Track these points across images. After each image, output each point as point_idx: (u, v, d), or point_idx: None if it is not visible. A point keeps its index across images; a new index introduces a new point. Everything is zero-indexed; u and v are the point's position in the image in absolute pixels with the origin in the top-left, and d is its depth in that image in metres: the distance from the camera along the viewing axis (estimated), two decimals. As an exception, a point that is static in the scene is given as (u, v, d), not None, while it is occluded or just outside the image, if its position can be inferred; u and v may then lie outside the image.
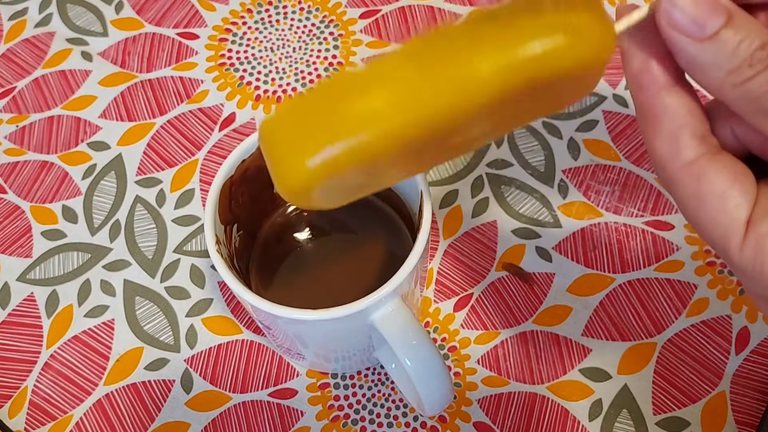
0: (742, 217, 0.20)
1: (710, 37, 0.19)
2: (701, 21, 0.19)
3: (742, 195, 0.20)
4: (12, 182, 0.45)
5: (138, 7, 0.51)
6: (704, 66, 0.20)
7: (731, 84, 0.20)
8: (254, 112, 0.47)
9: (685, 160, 0.21)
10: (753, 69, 0.19)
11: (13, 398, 0.39)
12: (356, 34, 0.50)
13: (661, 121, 0.21)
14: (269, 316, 0.32)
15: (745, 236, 0.20)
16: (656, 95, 0.21)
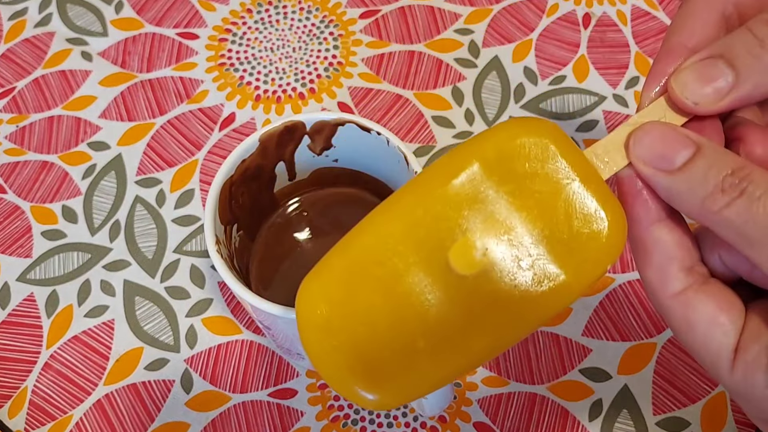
0: (730, 344, 0.21)
1: (680, 168, 0.21)
2: (669, 155, 0.21)
3: (729, 323, 0.21)
4: (12, 182, 0.45)
5: (138, 7, 0.51)
6: (681, 196, 0.21)
7: (709, 212, 0.20)
8: (254, 112, 0.47)
9: (673, 291, 0.22)
10: (727, 196, 0.20)
11: (13, 398, 0.39)
12: (356, 34, 0.50)
13: (651, 254, 0.22)
14: (269, 317, 0.32)
15: (734, 362, 0.20)
16: (647, 229, 0.22)
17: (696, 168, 0.20)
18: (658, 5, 0.52)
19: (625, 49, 0.50)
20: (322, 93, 0.48)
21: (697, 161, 0.21)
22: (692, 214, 0.21)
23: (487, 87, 0.48)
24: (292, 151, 0.37)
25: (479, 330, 0.21)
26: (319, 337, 0.21)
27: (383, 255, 0.21)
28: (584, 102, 0.48)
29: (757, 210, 0.19)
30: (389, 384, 0.21)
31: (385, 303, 0.21)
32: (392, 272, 0.20)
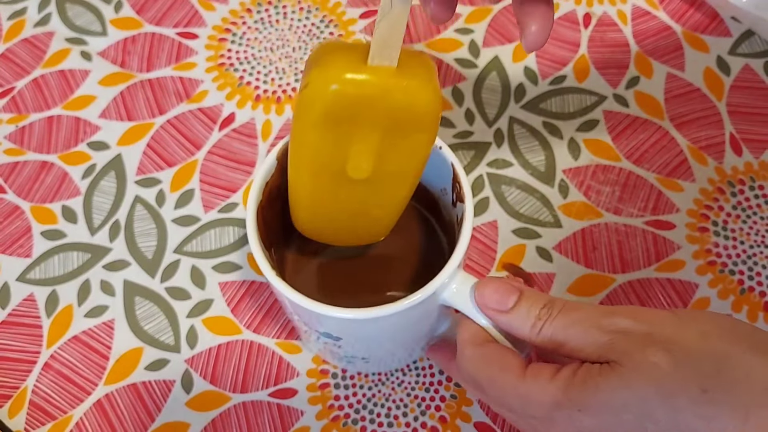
0: (521, 361, 0.30)
1: (511, 309, 0.30)
2: (503, 301, 0.30)
3: (515, 354, 0.31)
4: (12, 182, 0.45)
5: (138, 7, 0.51)
6: (515, 327, 0.30)
7: (534, 335, 0.30)
8: (254, 112, 0.47)
9: (477, 341, 0.31)
10: (542, 320, 0.29)
11: (13, 398, 0.39)
12: (356, 35, 0.50)
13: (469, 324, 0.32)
14: (342, 323, 0.31)
15: (525, 370, 0.29)
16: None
17: (521, 308, 0.30)
18: (658, 5, 0.52)
19: (625, 48, 0.50)
20: (322, 93, 0.48)
21: (522, 303, 0.30)
22: (524, 336, 0.30)
23: (487, 87, 0.48)
24: None
25: (378, 199, 0.32)
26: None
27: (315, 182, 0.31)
28: (584, 102, 0.48)
29: (556, 322, 0.29)
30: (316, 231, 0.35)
31: (324, 198, 0.32)
32: (324, 186, 0.31)
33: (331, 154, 0.30)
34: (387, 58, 0.27)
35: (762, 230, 0.44)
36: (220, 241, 0.43)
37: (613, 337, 0.28)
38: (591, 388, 0.27)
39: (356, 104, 0.28)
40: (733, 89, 0.48)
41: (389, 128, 0.29)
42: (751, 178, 0.45)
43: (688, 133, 0.47)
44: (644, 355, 0.27)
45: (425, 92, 0.28)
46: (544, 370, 0.29)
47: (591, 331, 0.28)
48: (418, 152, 0.30)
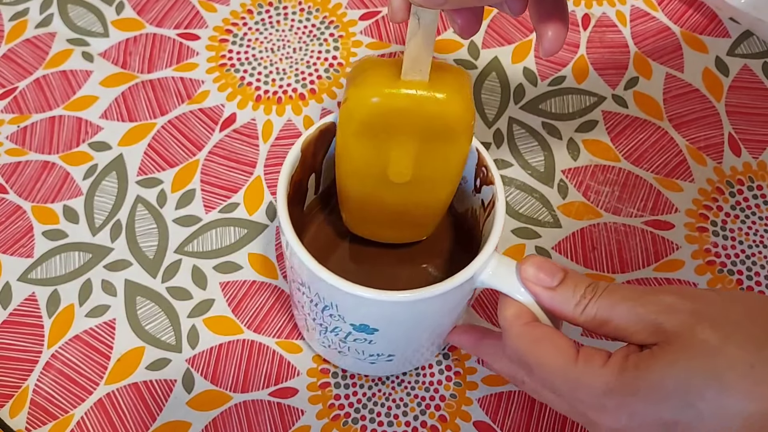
0: (571, 344, 0.30)
1: (556, 286, 0.30)
2: (550, 276, 0.30)
3: (565, 337, 0.30)
4: (13, 182, 0.45)
5: (139, 8, 0.51)
6: (559, 304, 0.30)
7: (578, 313, 0.30)
8: (255, 113, 0.48)
9: (524, 321, 0.31)
10: (586, 299, 0.30)
11: (15, 398, 0.39)
12: (356, 36, 0.50)
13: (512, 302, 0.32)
14: (388, 308, 0.31)
15: (577, 355, 0.29)
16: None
17: (567, 286, 0.30)
18: (657, 6, 0.52)
19: (624, 49, 0.50)
20: (323, 93, 0.48)
21: (567, 282, 0.30)
22: (566, 318, 0.30)
23: (486, 88, 0.48)
24: (321, 160, 0.37)
25: (419, 201, 0.34)
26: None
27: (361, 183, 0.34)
28: (584, 102, 0.48)
29: (602, 300, 0.29)
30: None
31: (369, 200, 0.35)
32: (368, 189, 0.34)
33: (372, 161, 0.32)
34: (419, 73, 0.30)
35: (761, 230, 0.44)
36: (221, 241, 0.43)
37: (659, 316, 0.28)
38: (643, 371, 0.27)
39: (391, 116, 0.30)
40: (732, 90, 0.48)
41: (425, 137, 0.31)
42: (750, 178, 0.45)
43: (687, 133, 0.47)
44: (693, 332, 0.27)
45: (455, 104, 0.30)
46: (597, 356, 0.29)
47: (637, 309, 0.29)
48: (453, 159, 0.32)
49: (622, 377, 0.28)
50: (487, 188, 0.34)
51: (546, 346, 0.30)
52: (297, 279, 0.33)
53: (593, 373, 0.28)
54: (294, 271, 0.33)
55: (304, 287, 0.33)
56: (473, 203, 0.37)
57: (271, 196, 0.45)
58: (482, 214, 0.35)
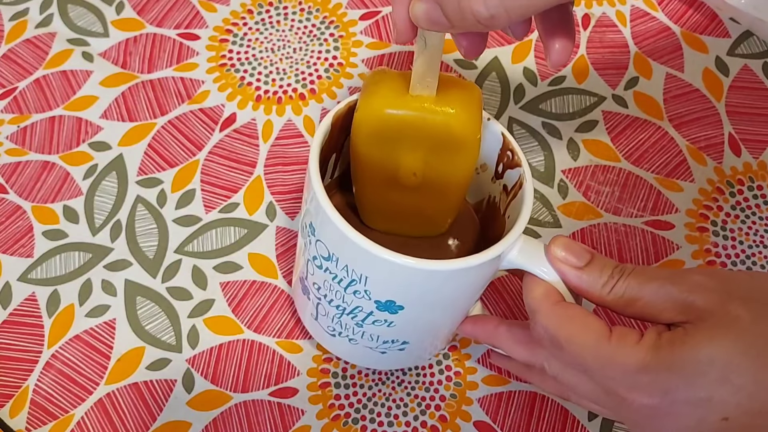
0: (603, 324, 0.30)
1: (585, 265, 0.31)
2: (576, 258, 0.31)
3: (595, 316, 0.31)
4: (13, 182, 0.45)
5: (139, 8, 0.51)
6: (586, 283, 0.31)
7: (606, 292, 0.30)
8: (255, 113, 0.48)
9: (554, 300, 0.31)
10: (614, 278, 0.30)
11: (15, 397, 0.39)
12: (357, 36, 0.50)
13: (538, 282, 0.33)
14: (421, 278, 0.31)
15: (611, 333, 0.29)
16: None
17: (595, 266, 0.31)
18: (657, 6, 0.52)
19: (624, 49, 0.50)
20: (323, 93, 0.48)
21: (595, 263, 0.31)
22: (593, 298, 0.31)
23: (486, 88, 0.48)
24: (343, 141, 0.37)
25: (430, 203, 0.35)
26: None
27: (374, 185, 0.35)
28: (584, 102, 0.48)
29: (630, 280, 0.30)
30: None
31: (382, 200, 0.36)
32: (380, 190, 0.35)
33: (383, 165, 0.34)
34: (426, 88, 0.31)
35: (761, 230, 0.44)
36: (221, 241, 0.43)
37: (690, 295, 0.28)
38: (678, 347, 0.27)
39: (398, 127, 0.32)
40: (732, 90, 0.49)
41: (432, 147, 0.33)
42: (750, 179, 0.45)
43: (687, 133, 0.47)
44: (725, 309, 0.27)
45: (459, 119, 0.32)
46: (630, 334, 0.29)
47: (667, 287, 0.29)
48: (460, 169, 0.34)
49: (658, 354, 0.28)
50: (511, 172, 0.35)
51: (578, 323, 0.30)
52: (321, 254, 0.33)
53: (627, 350, 0.28)
54: (319, 246, 0.33)
55: (330, 261, 0.32)
56: (491, 191, 0.37)
57: (271, 196, 0.45)
58: (504, 200, 0.36)
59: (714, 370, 0.27)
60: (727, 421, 0.27)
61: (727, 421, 0.27)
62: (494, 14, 0.26)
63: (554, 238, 0.32)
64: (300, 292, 0.38)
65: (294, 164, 0.46)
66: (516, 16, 0.26)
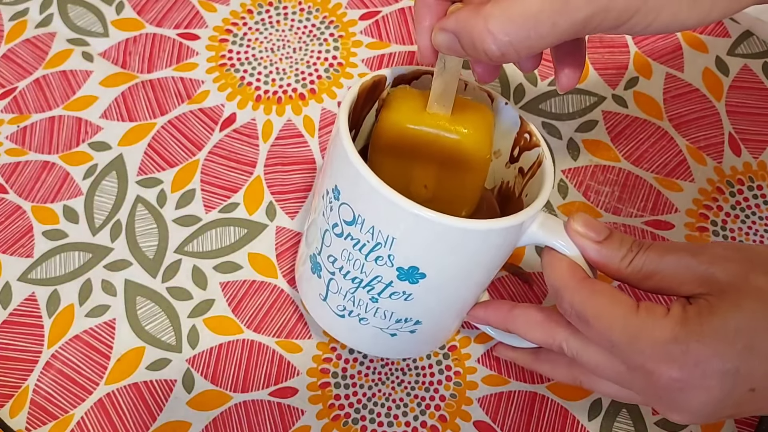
0: (630, 299, 0.30)
1: (605, 239, 0.31)
2: (595, 232, 0.31)
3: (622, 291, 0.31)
4: (13, 182, 0.45)
5: (139, 8, 0.51)
6: (605, 257, 0.31)
7: (625, 265, 0.31)
8: (255, 113, 0.48)
9: (580, 277, 0.32)
10: (633, 252, 0.31)
11: (15, 397, 0.39)
12: (356, 35, 0.50)
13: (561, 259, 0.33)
14: (450, 235, 0.31)
15: (637, 307, 0.30)
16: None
17: (614, 240, 0.31)
18: (657, 6, 0.52)
19: (624, 49, 0.50)
20: (323, 93, 0.48)
21: (614, 237, 0.32)
22: (611, 271, 0.31)
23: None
24: (364, 117, 0.37)
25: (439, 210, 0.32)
26: None
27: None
28: (584, 102, 0.48)
29: (650, 253, 0.31)
30: None
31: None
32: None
33: (396, 177, 0.34)
34: (442, 108, 0.33)
35: (761, 230, 0.44)
36: (221, 241, 0.43)
37: (711, 267, 0.29)
38: (706, 317, 0.28)
39: (413, 142, 0.34)
40: (732, 89, 0.49)
41: (443, 164, 0.34)
42: (750, 178, 0.45)
43: (687, 133, 0.47)
44: (747, 280, 0.28)
45: (471, 139, 0.34)
46: (657, 308, 0.29)
47: (687, 259, 0.29)
48: (469, 186, 0.35)
49: (686, 326, 0.28)
50: (529, 153, 0.36)
51: (606, 297, 0.30)
52: (345, 218, 0.32)
53: (656, 323, 0.28)
54: (343, 210, 0.32)
55: (354, 225, 0.32)
56: (504, 176, 0.38)
57: (271, 196, 0.45)
58: (519, 183, 0.36)
59: (740, 340, 0.27)
60: (754, 392, 0.28)
61: (753, 392, 0.28)
62: (504, 52, 0.28)
63: (573, 214, 0.32)
64: (309, 271, 0.37)
65: (294, 164, 0.46)
66: (524, 53, 0.28)
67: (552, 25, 0.27)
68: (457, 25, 0.28)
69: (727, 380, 0.28)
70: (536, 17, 0.26)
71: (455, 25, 0.29)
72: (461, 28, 0.28)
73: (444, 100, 0.33)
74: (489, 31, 0.27)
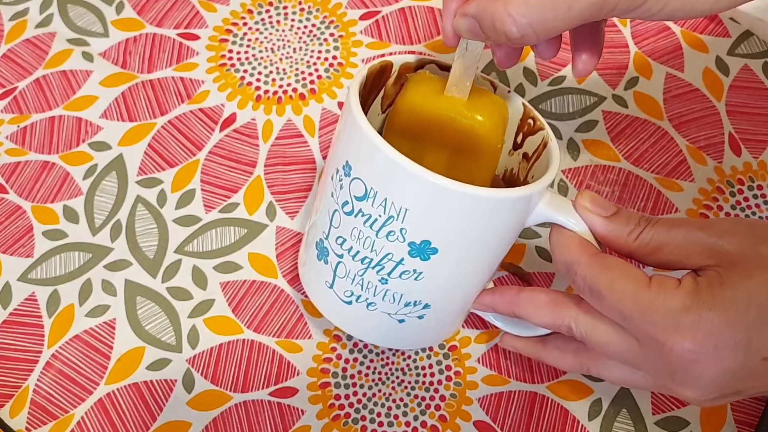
0: (642, 272, 0.30)
1: (613, 214, 0.32)
2: (603, 208, 0.32)
3: (635, 266, 0.31)
4: (13, 182, 0.45)
5: (139, 8, 0.51)
6: (612, 231, 0.32)
7: (632, 239, 0.31)
8: (255, 113, 0.48)
9: (592, 253, 0.32)
10: (640, 227, 0.31)
11: (15, 397, 0.39)
12: (356, 35, 0.50)
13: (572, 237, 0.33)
14: (466, 203, 0.31)
15: (650, 280, 0.30)
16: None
17: (621, 216, 0.32)
18: (657, 6, 0.52)
19: (624, 49, 0.50)
20: (323, 93, 0.48)
21: (621, 213, 0.32)
22: (618, 246, 0.32)
23: (487, 87, 0.48)
24: (370, 105, 0.37)
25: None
26: None
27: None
28: (584, 102, 0.48)
29: (657, 227, 0.31)
30: None
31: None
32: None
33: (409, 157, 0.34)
34: (460, 92, 0.34)
35: (761, 230, 0.44)
36: (221, 241, 0.43)
37: (719, 239, 0.29)
38: (717, 287, 0.28)
39: (428, 124, 0.34)
40: (732, 89, 0.48)
41: (455, 149, 0.35)
42: (750, 178, 0.45)
43: (687, 133, 0.47)
44: (756, 250, 0.29)
45: (485, 126, 0.34)
46: (669, 280, 0.30)
47: (695, 233, 0.30)
48: (479, 173, 0.35)
49: (698, 296, 0.28)
50: (533, 137, 0.36)
51: (618, 271, 0.30)
52: (356, 194, 0.32)
53: (668, 294, 0.29)
54: (354, 185, 0.32)
55: (366, 200, 0.32)
56: (508, 164, 0.38)
57: (271, 196, 0.45)
58: (524, 168, 0.37)
59: (752, 310, 0.28)
60: (767, 361, 0.28)
61: (766, 361, 0.28)
62: (524, 34, 0.29)
63: (581, 191, 0.33)
64: (314, 259, 0.36)
65: (294, 164, 0.46)
66: (543, 35, 0.29)
67: (568, 8, 0.28)
68: (478, 9, 0.30)
69: (739, 351, 0.28)
70: (553, 0, 0.28)
71: (476, 9, 0.30)
72: (482, 11, 0.29)
73: (462, 84, 0.34)
74: (508, 14, 0.28)
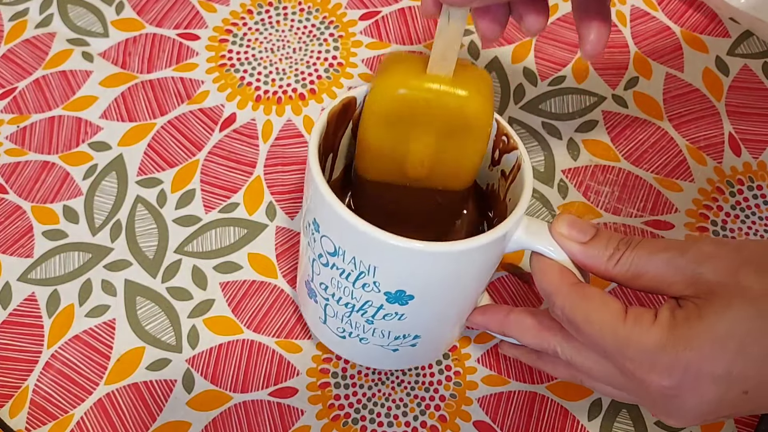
0: (620, 306, 0.30)
1: (591, 239, 0.31)
2: (580, 233, 0.31)
3: (614, 297, 0.30)
4: (13, 182, 0.45)
5: (138, 8, 0.51)
6: (592, 257, 0.31)
7: (612, 265, 0.30)
8: (255, 113, 0.48)
9: (571, 282, 0.31)
10: (620, 251, 0.30)
11: (14, 397, 0.39)
12: (356, 36, 0.50)
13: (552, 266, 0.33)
14: (438, 261, 0.30)
15: (626, 314, 0.29)
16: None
17: (601, 239, 0.31)
18: (657, 6, 0.52)
19: (624, 49, 0.50)
20: (323, 93, 0.48)
21: (600, 236, 0.31)
22: (599, 271, 0.31)
23: (486, 87, 0.48)
24: (339, 140, 0.36)
25: (437, 187, 0.34)
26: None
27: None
28: (584, 102, 0.48)
29: (638, 251, 0.30)
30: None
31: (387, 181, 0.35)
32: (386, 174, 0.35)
33: (390, 153, 0.33)
34: (444, 69, 0.31)
35: (761, 230, 0.44)
36: (221, 241, 0.43)
37: (700, 266, 0.28)
38: (695, 322, 0.27)
39: (412, 106, 0.32)
40: (732, 89, 0.49)
41: (443, 132, 0.32)
42: (750, 178, 0.45)
43: (687, 133, 0.47)
44: (736, 279, 0.28)
45: (475, 101, 0.32)
46: (645, 314, 0.29)
47: (676, 260, 0.29)
48: (471, 153, 0.33)
49: (674, 332, 0.28)
50: (509, 156, 0.35)
51: (596, 303, 0.29)
52: (327, 250, 0.32)
53: (643, 331, 0.28)
54: (324, 242, 0.32)
55: (336, 256, 0.32)
56: (489, 179, 0.37)
57: (270, 196, 0.45)
58: (503, 185, 0.36)
59: (731, 343, 0.27)
60: (747, 394, 0.27)
61: (747, 395, 0.27)
62: None
63: (558, 216, 0.32)
64: (306, 296, 0.37)
65: (294, 164, 0.46)
66: None
67: None
68: None
69: (720, 384, 0.27)
70: None
71: None
72: None
73: (446, 59, 0.31)
74: None
